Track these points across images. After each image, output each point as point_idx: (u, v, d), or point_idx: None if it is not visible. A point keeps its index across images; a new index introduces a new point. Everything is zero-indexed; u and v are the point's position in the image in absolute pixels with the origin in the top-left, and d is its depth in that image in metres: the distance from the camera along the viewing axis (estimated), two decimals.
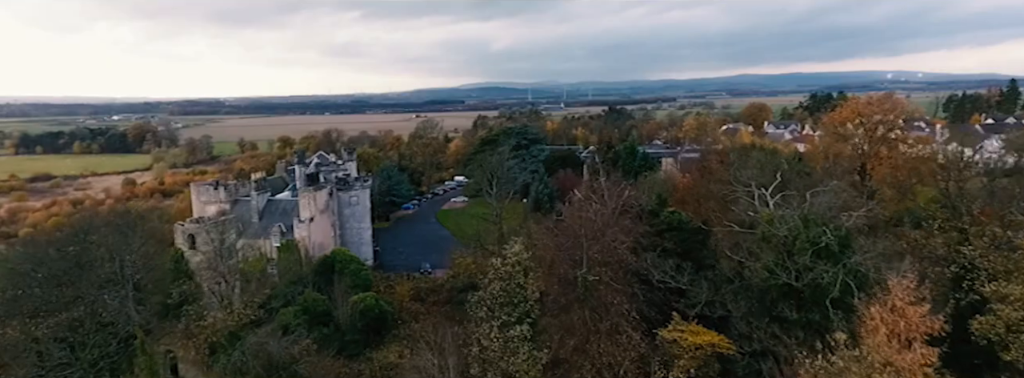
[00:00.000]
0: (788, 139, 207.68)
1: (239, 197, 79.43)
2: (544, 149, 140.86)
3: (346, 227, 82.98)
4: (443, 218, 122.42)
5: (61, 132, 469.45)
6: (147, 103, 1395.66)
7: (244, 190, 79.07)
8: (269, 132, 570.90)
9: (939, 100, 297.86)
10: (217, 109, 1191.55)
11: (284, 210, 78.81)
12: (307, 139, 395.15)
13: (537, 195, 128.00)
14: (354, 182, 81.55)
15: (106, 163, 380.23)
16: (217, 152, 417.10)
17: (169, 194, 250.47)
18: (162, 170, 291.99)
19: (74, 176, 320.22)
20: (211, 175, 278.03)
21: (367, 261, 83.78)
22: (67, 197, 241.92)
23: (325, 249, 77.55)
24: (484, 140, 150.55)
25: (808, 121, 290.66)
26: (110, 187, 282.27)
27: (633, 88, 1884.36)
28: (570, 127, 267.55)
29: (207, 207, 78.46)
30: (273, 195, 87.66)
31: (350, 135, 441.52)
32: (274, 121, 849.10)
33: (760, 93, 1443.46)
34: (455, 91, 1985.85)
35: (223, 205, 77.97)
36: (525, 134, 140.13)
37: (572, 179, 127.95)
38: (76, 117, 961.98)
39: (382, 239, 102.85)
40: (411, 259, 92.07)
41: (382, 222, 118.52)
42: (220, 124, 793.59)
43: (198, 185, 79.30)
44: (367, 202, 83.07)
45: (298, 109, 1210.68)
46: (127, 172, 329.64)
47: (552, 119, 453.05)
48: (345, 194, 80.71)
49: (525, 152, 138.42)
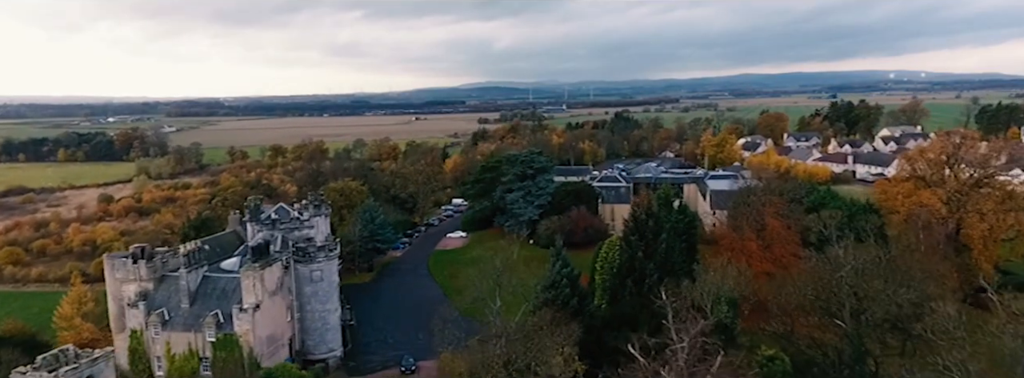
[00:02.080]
0: (817, 158, 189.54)
1: (167, 273, 61.73)
2: (552, 181, 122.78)
3: (307, 310, 64.71)
4: (436, 266, 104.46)
5: (45, 139, 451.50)
6: (145, 103, 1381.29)
7: (177, 261, 61.44)
8: (264, 136, 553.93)
9: (970, 110, 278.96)
10: (215, 110, 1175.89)
11: (224, 291, 61.00)
12: (299, 148, 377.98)
13: (546, 240, 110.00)
14: (317, 252, 63.65)
15: (89, 173, 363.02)
16: (207, 159, 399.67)
17: (146, 212, 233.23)
18: (142, 184, 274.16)
19: (51, 189, 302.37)
20: (194, 191, 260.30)
21: (333, 353, 66.06)
22: (34, 217, 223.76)
23: (277, 342, 59.99)
24: (484, 167, 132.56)
25: (829, 131, 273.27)
26: (86, 202, 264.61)
27: (634, 88, 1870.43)
28: (576, 140, 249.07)
29: (125, 286, 60.68)
30: (219, 260, 69.85)
31: (346, 142, 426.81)
32: (271, 123, 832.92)
33: (763, 93, 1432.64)
34: (456, 91, 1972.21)
35: (145, 284, 60.29)
36: (531, 163, 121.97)
37: (586, 218, 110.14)
38: (71, 119, 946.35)
39: (359, 304, 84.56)
40: (392, 339, 74.18)
41: (363, 275, 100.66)
42: (215, 127, 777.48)
43: (112, 259, 61.39)
44: (334, 276, 65.18)
45: (297, 110, 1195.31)
46: (108, 184, 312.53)
47: (555, 124, 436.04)
48: (306, 268, 62.99)
49: (531, 183, 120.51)
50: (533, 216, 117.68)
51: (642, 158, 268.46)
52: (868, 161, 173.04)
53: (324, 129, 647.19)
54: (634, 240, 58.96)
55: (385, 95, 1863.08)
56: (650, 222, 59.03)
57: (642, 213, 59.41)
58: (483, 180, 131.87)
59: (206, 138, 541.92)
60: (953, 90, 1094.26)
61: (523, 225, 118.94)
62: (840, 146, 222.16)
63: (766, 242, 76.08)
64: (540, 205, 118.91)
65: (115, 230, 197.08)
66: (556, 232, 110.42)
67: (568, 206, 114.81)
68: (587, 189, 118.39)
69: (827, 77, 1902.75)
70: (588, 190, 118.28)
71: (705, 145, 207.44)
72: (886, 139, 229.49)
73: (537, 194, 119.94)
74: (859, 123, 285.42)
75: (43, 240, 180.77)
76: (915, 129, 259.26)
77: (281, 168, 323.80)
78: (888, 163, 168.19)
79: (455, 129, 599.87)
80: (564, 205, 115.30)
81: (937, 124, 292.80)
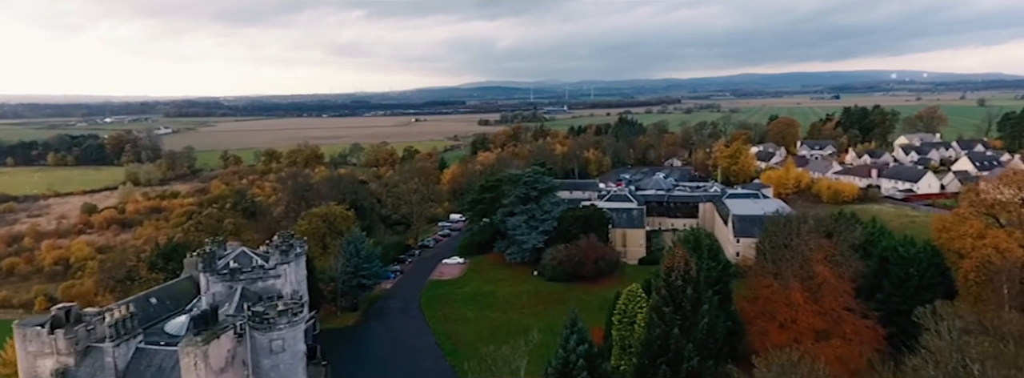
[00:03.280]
0: (837, 171, 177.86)
1: (93, 344, 50.56)
2: (558, 203, 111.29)
3: None
4: (430, 304, 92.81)
5: (34, 142, 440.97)
6: (144, 103, 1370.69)
7: (103, 329, 50.22)
8: (260, 139, 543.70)
9: (991, 117, 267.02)
10: (213, 110, 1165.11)
11: (161, 369, 49.55)
12: (294, 152, 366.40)
13: (553, 272, 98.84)
14: (278, 317, 52.18)
15: (76, 178, 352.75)
16: (201, 163, 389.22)
17: (129, 224, 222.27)
18: (128, 193, 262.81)
19: (35, 196, 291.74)
20: (181, 201, 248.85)
21: None
22: (11, 229, 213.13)
23: None
24: (483, 186, 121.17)
25: (843, 138, 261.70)
26: (68, 212, 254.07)
27: (635, 87, 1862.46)
28: (580, 148, 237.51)
29: (40, 361, 49.48)
30: (168, 317, 58.53)
31: (343, 145, 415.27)
32: (269, 125, 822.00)
33: (764, 94, 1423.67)
34: (456, 90, 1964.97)
35: (64, 358, 49.13)
36: (534, 184, 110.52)
37: (596, 248, 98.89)
38: (68, 119, 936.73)
39: (338, 357, 71.96)
40: None
41: (346, 315, 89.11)
42: (212, 129, 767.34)
43: (23, 327, 49.81)
44: (300, 344, 53.69)
45: (296, 110, 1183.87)
46: (94, 191, 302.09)
47: (556, 127, 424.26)
48: (264, 336, 51.65)
49: (535, 206, 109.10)
50: (537, 243, 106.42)
51: (649, 166, 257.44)
52: (894, 175, 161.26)
53: (322, 131, 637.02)
54: (668, 313, 47.66)
55: (386, 95, 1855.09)
56: (688, 290, 47.79)
57: (678, 278, 48.11)
58: (482, 200, 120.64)
59: (202, 140, 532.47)
60: (955, 90, 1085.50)
61: (526, 253, 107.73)
62: (859, 156, 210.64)
63: (813, 293, 64.72)
64: (545, 231, 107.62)
65: (92, 245, 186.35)
66: (563, 263, 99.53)
67: (575, 233, 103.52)
68: (596, 214, 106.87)
69: (829, 77, 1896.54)
70: (597, 215, 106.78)
71: (717, 156, 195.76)
72: (906, 148, 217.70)
73: (541, 218, 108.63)
74: (874, 130, 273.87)
75: (13, 258, 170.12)
76: (934, 137, 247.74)
77: (274, 174, 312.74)
78: (917, 178, 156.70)
79: (455, 131, 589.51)
80: (571, 232, 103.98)
81: (955, 132, 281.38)
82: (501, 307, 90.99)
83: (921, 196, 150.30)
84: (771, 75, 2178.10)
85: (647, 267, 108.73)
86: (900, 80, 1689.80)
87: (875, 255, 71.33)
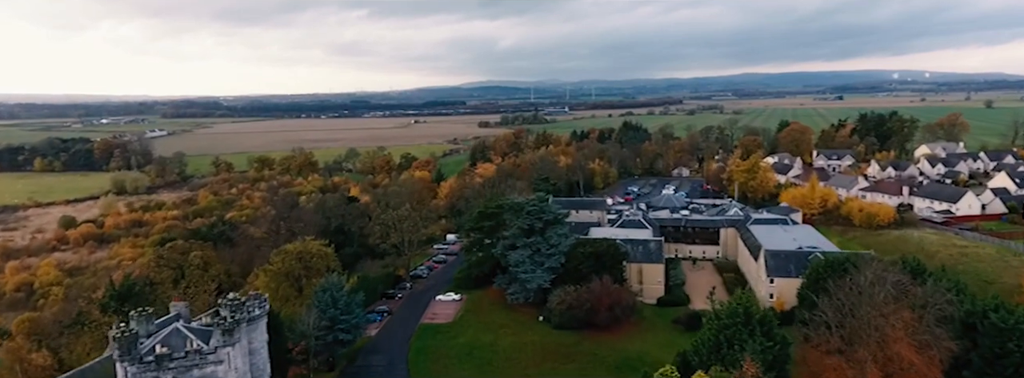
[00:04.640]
0: (864, 188, 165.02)
1: None
2: (566, 236, 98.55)
3: None
4: (419, 359, 79.89)
5: (22, 147, 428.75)
6: (143, 104, 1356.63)
7: None
8: (256, 141, 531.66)
9: (1019, 125, 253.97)
10: (212, 111, 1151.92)
11: None
12: (287, 159, 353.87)
13: (561, 317, 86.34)
14: None
15: (61, 186, 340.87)
16: (192, 169, 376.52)
17: (106, 240, 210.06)
18: (110, 205, 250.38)
19: (14, 207, 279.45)
20: (165, 213, 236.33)
21: None
22: None
23: None
24: (482, 213, 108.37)
25: (860, 147, 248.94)
26: (45, 225, 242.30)
27: (636, 87, 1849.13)
28: (585, 159, 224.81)
29: None
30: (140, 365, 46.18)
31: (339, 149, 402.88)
32: (266, 126, 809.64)
33: (766, 93, 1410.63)
34: (457, 90, 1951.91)
35: None
36: (540, 214, 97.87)
37: (611, 292, 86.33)
38: (65, 120, 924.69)
39: None
40: None
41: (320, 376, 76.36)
42: (208, 130, 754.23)
43: None
44: None
45: (295, 110, 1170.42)
46: (77, 200, 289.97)
47: (558, 130, 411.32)
48: None
49: (540, 239, 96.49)
50: (543, 283, 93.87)
51: (657, 177, 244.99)
52: (930, 195, 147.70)
53: (319, 133, 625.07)
54: None
55: (386, 94, 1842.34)
56: None
57: None
58: (481, 228, 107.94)
59: (196, 143, 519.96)
60: (958, 91, 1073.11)
61: (530, 293, 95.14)
62: (882, 169, 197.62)
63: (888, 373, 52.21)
64: (551, 268, 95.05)
65: (63, 266, 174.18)
66: (572, 308, 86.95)
67: (586, 271, 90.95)
68: (610, 250, 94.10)
69: (830, 77, 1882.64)
70: (611, 251, 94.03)
71: (732, 170, 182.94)
72: (931, 160, 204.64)
73: (548, 254, 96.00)
74: (892, 137, 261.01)
75: None
76: (958, 146, 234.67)
77: (265, 183, 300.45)
78: (956, 199, 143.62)
79: (455, 133, 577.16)
80: (581, 271, 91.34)
81: (978, 142, 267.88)
82: (501, 364, 78.45)
83: (961, 218, 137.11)
84: (773, 75, 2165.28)
85: (667, 309, 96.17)
86: (902, 80, 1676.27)
87: (957, 319, 58.66)
